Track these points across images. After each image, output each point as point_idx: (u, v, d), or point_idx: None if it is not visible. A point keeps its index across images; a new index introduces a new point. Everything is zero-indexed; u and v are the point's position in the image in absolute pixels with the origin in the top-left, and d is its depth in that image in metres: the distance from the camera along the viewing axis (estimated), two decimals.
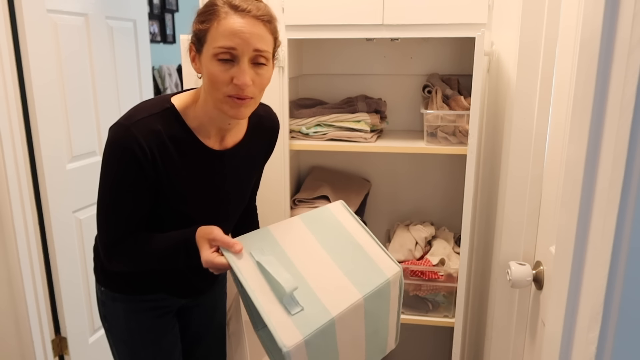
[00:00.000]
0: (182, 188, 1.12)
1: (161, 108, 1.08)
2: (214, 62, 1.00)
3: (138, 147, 1.02)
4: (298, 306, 0.95)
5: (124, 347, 1.28)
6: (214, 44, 0.99)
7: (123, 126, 1.04)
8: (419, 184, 1.97)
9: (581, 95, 0.59)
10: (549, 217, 1.17)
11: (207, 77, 1.02)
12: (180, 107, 1.10)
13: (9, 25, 1.75)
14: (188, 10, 4.36)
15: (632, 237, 0.53)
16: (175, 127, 1.08)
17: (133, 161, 1.03)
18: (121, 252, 1.11)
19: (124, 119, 1.06)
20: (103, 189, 1.09)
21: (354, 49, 1.88)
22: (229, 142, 1.18)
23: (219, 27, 0.99)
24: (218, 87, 1.01)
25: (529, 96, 1.24)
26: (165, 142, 1.06)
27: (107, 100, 2.23)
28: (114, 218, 1.09)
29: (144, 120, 1.04)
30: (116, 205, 1.08)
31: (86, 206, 2.14)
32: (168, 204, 1.12)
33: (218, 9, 1.00)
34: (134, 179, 1.05)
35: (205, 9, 1.02)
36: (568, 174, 0.63)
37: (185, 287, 1.30)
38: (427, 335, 2.10)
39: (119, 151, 1.04)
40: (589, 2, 0.58)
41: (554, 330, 0.67)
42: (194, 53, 1.07)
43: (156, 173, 1.07)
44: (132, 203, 1.08)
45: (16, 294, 1.88)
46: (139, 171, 1.04)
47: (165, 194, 1.10)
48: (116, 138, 1.04)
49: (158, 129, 1.05)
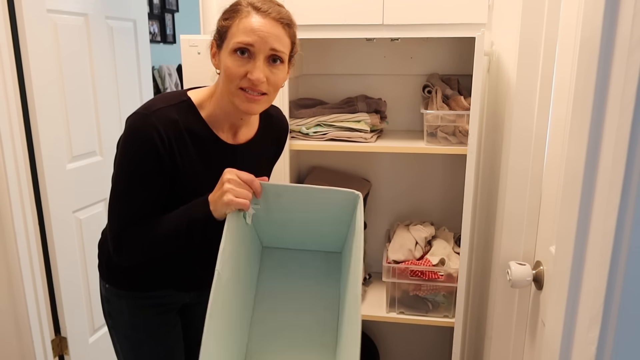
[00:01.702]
0: (194, 179, 1.13)
1: (178, 100, 1.11)
2: (231, 57, 1.04)
3: (157, 135, 1.04)
4: None
5: (128, 343, 1.29)
6: (234, 39, 1.04)
7: (142, 115, 1.06)
8: (419, 183, 1.96)
9: (581, 95, 0.59)
10: (549, 217, 1.17)
11: (224, 70, 1.06)
12: (196, 100, 1.13)
13: (9, 25, 1.75)
14: (188, 10, 4.36)
15: (632, 237, 0.53)
16: (192, 118, 1.11)
17: (151, 149, 1.05)
18: (129, 238, 1.11)
19: (143, 108, 1.08)
20: (118, 176, 1.10)
21: (354, 49, 1.88)
22: (241, 137, 1.20)
23: (240, 24, 1.04)
24: (232, 79, 1.05)
25: (529, 96, 1.24)
26: (182, 133, 1.09)
27: (107, 100, 2.23)
28: (127, 206, 1.10)
29: (163, 110, 1.07)
30: (131, 193, 1.09)
31: (86, 206, 2.14)
32: (180, 194, 1.13)
33: (241, 8, 1.05)
34: (150, 167, 1.07)
35: (230, 7, 1.08)
36: (568, 174, 0.63)
37: (191, 279, 1.30)
38: (427, 335, 2.10)
39: (138, 139, 1.05)
40: (589, 2, 0.58)
41: (554, 330, 0.67)
42: (215, 49, 1.11)
43: (172, 162, 1.08)
44: (147, 191, 1.10)
45: (16, 294, 1.88)
46: (155, 160, 1.06)
47: (178, 183, 1.12)
48: (136, 126, 1.06)
49: (176, 119, 1.08)
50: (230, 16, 1.06)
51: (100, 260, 1.30)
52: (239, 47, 1.03)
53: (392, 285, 1.70)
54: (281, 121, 1.33)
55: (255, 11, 1.04)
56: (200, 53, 1.58)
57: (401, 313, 1.71)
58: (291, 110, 1.69)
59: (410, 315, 1.71)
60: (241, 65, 1.04)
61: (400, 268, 1.66)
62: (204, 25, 1.79)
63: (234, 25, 1.04)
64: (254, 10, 1.04)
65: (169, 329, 1.30)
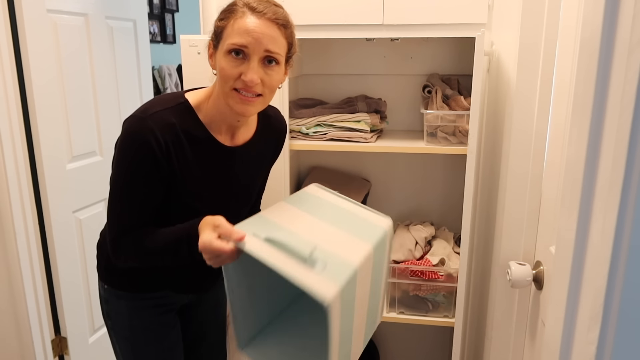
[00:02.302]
0: (192, 182, 1.13)
1: (175, 102, 1.11)
2: (226, 57, 1.04)
3: (154, 139, 1.04)
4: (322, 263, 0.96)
5: (127, 344, 1.29)
6: (228, 40, 1.03)
7: (139, 118, 1.05)
8: (419, 184, 1.96)
9: (581, 95, 0.59)
10: (549, 217, 1.17)
11: (219, 71, 1.06)
12: (193, 102, 1.12)
13: (9, 25, 1.75)
14: (188, 10, 4.36)
15: (632, 237, 0.53)
16: (189, 121, 1.10)
17: (148, 153, 1.04)
18: (128, 244, 1.11)
19: (140, 112, 1.07)
20: (116, 180, 1.10)
21: (354, 49, 1.88)
22: (239, 139, 1.20)
23: (235, 25, 1.03)
24: (227, 80, 1.04)
25: (529, 96, 1.24)
26: (179, 136, 1.08)
27: (107, 100, 2.23)
28: (126, 210, 1.10)
29: (160, 113, 1.06)
30: (128, 197, 1.09)
31: (86, 206, 2.14)
32: (178, 198, 1.13)
33: (237, 8, 1.05)
34: (148, 171, 1.06)
35: (226, 7, 1.07)
36: (568, 174, 0.63)
37: (189, 283, 1.30)
38: (427, 335, 2.10)
39: (135, 143, 1.05)
40: (589, 2, 0.58)
41: (554, 330, 0.67)
42: (211, 50, 1.10)
43: (169, 166, 1.08)
44: (144, 195, 1.09)
45: (16, 294, 1.88)
46: (153, 163, 1.06)
47: (176, 187, 1.12)
48: (132, 130, 1.05)
49: (173, 122, 1.07)
50: (226, 16, 1.05)
51: (99, 261, 1.30)
52: (233, 48, 1.02)
53: (392, 285, 1.70)
54: (279, 122, 1.32)
55: (250, 11, 1.03)
56: (200, 53, 1.58)
57: (401, 313, 1.72)
58: (291, 110, 1.69)
59: (410, 315, 1.71)
60: (235, 67, 1.03)
61: (400, 268, 1.66)
62: (204, 25, 1.79)
63: (229, 25, 1.04)
64: (249, 11, 1.03)
65: (168, 329, 1.30)
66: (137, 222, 1.10)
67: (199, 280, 1.32)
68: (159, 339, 1.28)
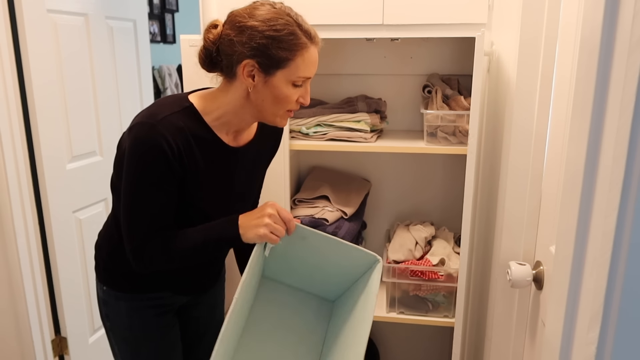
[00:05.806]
0: (201, 184, 1.14)
1: (181, 106, 1.10)
2: (290, 86, 1.09)
3: (166, 144, 1.04)
4: None
5: (125, 345, 1.29)
6: (298, 73, 1.07)
7: (149, 124, 1.05)
8: (419, 184, 1.96)
9: (581, 95, 0.59)
10: (549, 217, 1.17)
11: (277, 95, 1.09)
12: (199, 106, 1.13)
13: (9, 25, 1.75)
14: (188, 10, 4.36)
15: (632, 237, 0.53)
16: (196, 124, 1.11)
17: (161, 158, 1.04)
18: (155, 250, 1.10)
19: (147, 117, 1.06)
20: (130, 189, 1.08)
21: (354, 49, 1.88)
22: (242, 140, 1.21)
23: (305, 60, 1.07)
24: (285, 105, 1.10)
25: (529, 96, 1.24)
26: (188, 139, 1.09)
27: (107, 100, 2.23)
28: (144, 218, 1.09)
29: (169, 118, 1.06)
30: (147, 204, 1.09)
31: (86, 206, 2.14)
32: (186, 200, 1.13)
33: (301, 40, 1.06)
34: (163, 175, 1.06)
35: (288, 37, 1.05)
36: (568, 174, 0.63)
37: (190, 283, 1.30)
38: (427, 335, 2.10)
39: (147, 149, 1.04)
40: (589, 2, 0.58)
41: (554, 330, 0.67)
42: (256, 70, 1.07)
43: (182, 168, 1.08)
44: (161, 201, 1.09)
45: (16, 294, 1.88)
46: (167, 168, 1.06)
47: (186, 189, 1.12)
48: (143, 136, 1.04)
49: (182, 126, 1.07)
50: (292, 48, 1.05)
51: (98, 262, 1.29)
52: (302, 80, 1.09)
53: (392, 285, 1.70)
54: None
55: (310, 42, 1.07)
56: None
57: (401, 313, 1.72)
58: None
59: (410, 315, 1.71)
60: (296, 93, 1.10)
61: (400, 268, 1.66)
62: (204, 25, 1.79)
63: (299, 58, 1.06)
64: (309, 41, 1.07)
65: (167, 330, 1.30)
66: (156, 229, 1.10)
67: (198, 281, 1.33)
68: (157, 339, 1.28)
